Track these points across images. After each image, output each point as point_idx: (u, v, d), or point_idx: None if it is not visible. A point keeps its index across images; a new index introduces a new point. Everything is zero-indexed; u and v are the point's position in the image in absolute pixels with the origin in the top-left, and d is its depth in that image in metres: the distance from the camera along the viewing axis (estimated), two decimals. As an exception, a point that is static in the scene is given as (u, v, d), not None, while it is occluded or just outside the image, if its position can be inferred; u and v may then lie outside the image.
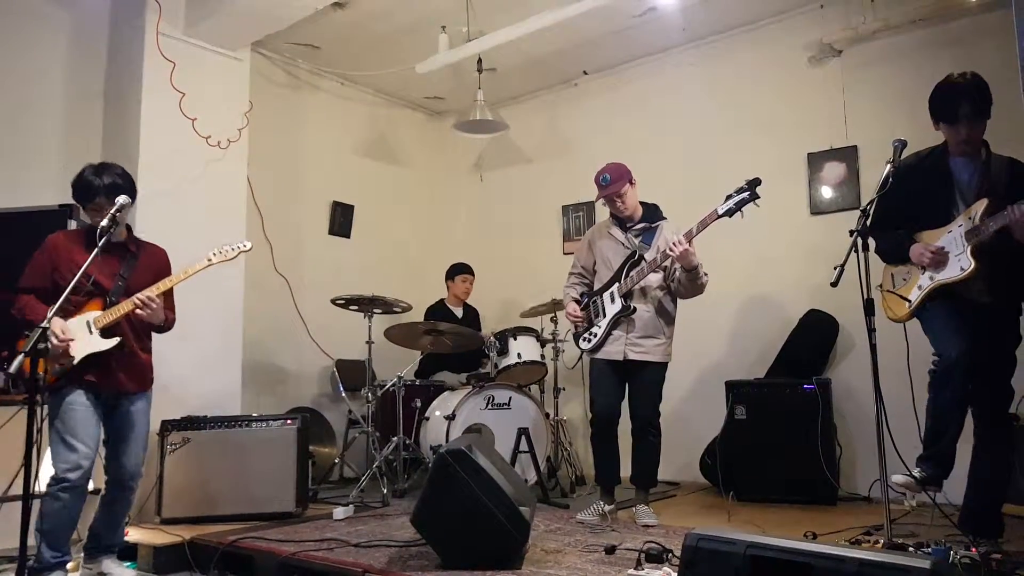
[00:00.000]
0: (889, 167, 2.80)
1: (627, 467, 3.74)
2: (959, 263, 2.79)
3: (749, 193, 3.26)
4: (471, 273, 5.54)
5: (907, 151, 2.88)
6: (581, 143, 5.85)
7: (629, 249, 3.71)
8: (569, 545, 3.11)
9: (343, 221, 5.84)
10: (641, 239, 3.73)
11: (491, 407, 4.37)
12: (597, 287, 3.81)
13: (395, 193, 6.29)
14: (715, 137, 5.14)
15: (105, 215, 2.84)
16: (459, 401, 4.31)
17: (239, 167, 4.62)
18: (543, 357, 4.67)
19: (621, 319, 3.64)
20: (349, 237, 5.88)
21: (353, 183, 5.93)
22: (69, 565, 2.96)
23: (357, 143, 6.07)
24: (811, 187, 4.75)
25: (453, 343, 4.67)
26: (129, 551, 3.32)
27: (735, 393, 4.34)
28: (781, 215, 4.68)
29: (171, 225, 3.94)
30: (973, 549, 2.62)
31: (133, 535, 3.40)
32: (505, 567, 2.71)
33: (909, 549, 2.70)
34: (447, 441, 4.08)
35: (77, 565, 3.09)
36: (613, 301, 3.68)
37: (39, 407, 2.44)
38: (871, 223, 2.77)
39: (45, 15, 4.35)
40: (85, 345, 2.94)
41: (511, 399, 4.42)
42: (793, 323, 4.61)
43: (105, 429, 3.08)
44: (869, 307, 2.70)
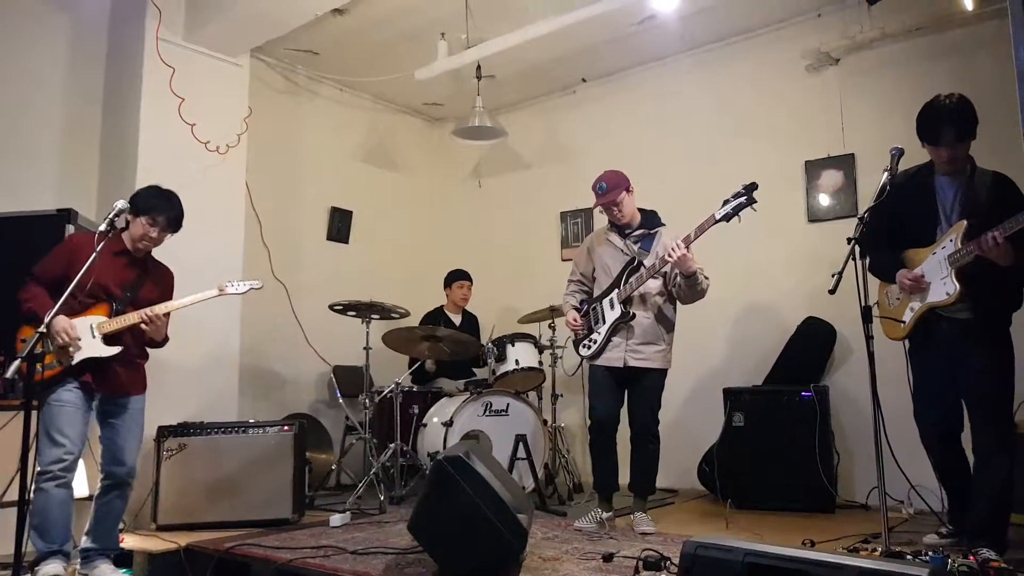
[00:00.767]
0: (886, 175, 2.82)
1: (625, 474, 3.73)
2: (944, 288, 2.86)
3: (746, 198, 3.27)
4: (469, 279, 5.52)
5: (904, 160, 2.90)
6: (579, 150, 5.86)
7: (628, 255, 3.71)
8: (567, 553, 3.09)
9: (341, 227, 5.84)
10: (640, 245, 3.73)
11: (489, 413, 4.36)
12: (596, 293, 3.81)
13: (394, 199, 6.29)
14: (713, 144, 5.15)
15: (147, 237, 3.11)
16: (457, 408, 4.30)
17: (238, 172, 4.62)
18: (541, 363, 4.67)
19: (621, 325, 3.63)
20: (347, 243, 5.88)
21: (352, 189, 5.93)
22: (65, 570, 2.94)
23: (356, 149, 6.08)
24: (808, 195, 4.77)
25: (451, 350, 4.66)
26: (125, 558, 3.30)
27: (733, 400, 4.34)
28: (778, 223, 4.69)
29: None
30: (971, 557, 2.62)
31: (128, 542, 3.39)
32: (502, 575, 2.70)
33: (907, 557, 2.70)
34: (444, 448, 4.08)
35: (73, 572, 3.07)
36: (612, 307, 3.68)
37: (37, 411, 2.44)
38: (862, 240, 2.79)
39: (44, 18, 4.34)
40: (85, 348, 2.97)
41: (509, 406, 4.41)
42: (791, 330, 4.62)
43: (101, 431, 3.12)
44: (867, 314, 2.70)
